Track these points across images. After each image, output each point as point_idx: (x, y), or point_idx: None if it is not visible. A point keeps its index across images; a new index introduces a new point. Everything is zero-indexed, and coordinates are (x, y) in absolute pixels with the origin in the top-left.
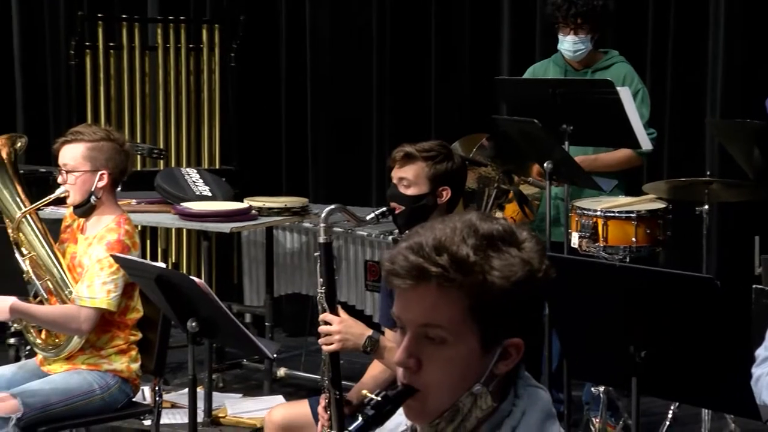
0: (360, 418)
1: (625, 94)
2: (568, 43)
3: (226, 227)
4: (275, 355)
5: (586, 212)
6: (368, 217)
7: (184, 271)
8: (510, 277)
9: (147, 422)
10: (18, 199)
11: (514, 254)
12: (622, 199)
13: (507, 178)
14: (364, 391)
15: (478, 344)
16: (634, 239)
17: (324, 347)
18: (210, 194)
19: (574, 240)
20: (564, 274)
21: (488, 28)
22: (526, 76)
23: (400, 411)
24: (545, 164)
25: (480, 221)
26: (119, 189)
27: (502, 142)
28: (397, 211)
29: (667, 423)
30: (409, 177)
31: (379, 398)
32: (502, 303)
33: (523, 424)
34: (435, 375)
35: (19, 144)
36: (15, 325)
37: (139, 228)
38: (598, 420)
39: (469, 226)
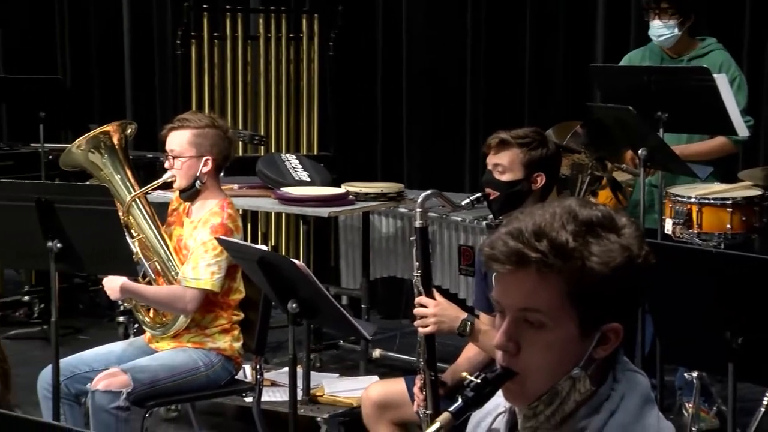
0: (459, 400)
1: (721, 80)
2: (654, 29)
3: (324, 212)
4: (372, 337)
5: (680, 199)
6: (463, 203)
7: (283, 254)
8: (609, 263)
9: (248, 399)
10: (128, 184)
11: (613, 240)
12: (717, 186)
13: (600, 165)
14: (464, 374)
15: (577, 329)
16: (729, 226)
17: (420, 329)
18: (309, 179)
19: (668, 226)
20: (660, 260)
21: (583, 16)
22: (622, 63)
23: (499, 393)
24: (640, 151)
25: (579, 207)
26: (222, 174)
27: (596, 129)
28: (491, 197)
29: (762, 410)
30: (503, 163)
31: (478, 380)
32: (601, 288)
33: (621, 409)
34: (533, 358)
35: (129, 131)
36: (125, 304)
37: (241, 211)
38: (691, 405)
39: (568, 212)
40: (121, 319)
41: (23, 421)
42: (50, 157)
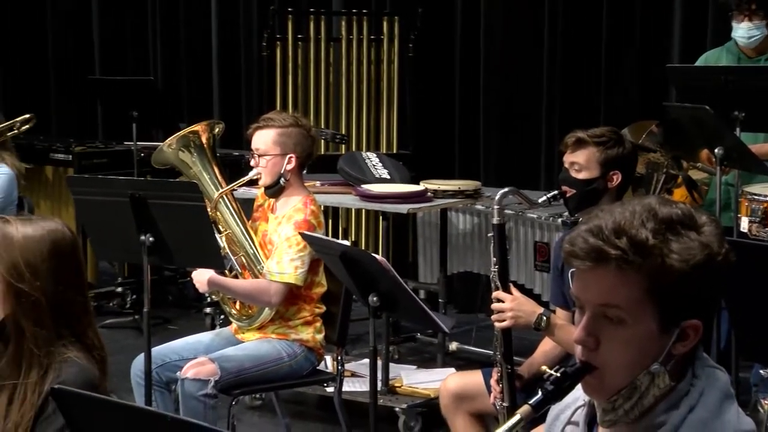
0: (539, 392)
1: None
2: (743, 30)
3: (403, 208)
4: (450, 330)
5: (756, 197)
6: (540, 200)
7: (363, 249)
8: (689, 261)
9: (329, 389)
10: (216, 181)
11: (693, 238)
12: None
13: (676, 164)
14: (544, 367)
15: (656, 325)
16: None
17: (497, 324)
18: (389, 177)
19: (744, 225)
20: (738, 257)
21: (659, 15)
22: (698, 63)
23: (578, 386)
24: (716, 150)
25: (659, 205)
26: (305, 171)
27: (673, 128)
28: (567, 195)
29: None
30: (580, 161)
31: (558, 374)
32: (680, 286)
33: (701, 404)
34: (613, 353)
35: (216, 130)
36: (213, 296)
37: (323, 208)
38: (766, 402)
39: (648, 210)
40: (208, 310)
41: (121, 406)
42: (142, 154)
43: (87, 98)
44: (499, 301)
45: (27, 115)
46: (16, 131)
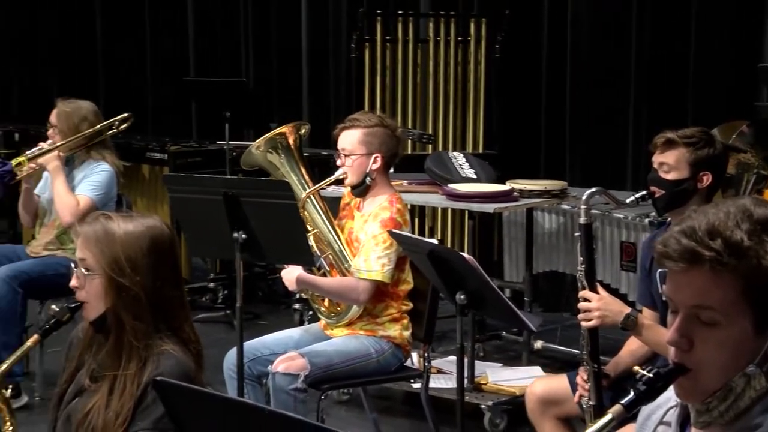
0: (632, 392)
1: None
2: None
3: (489, 207)
4: (537, 329)
5: None
6: (628, 200)
7: (451, 248)
8: None
9: (416, 385)
10: (303, 181)
11: None
12: None
13: (767, 164)
14: (636, 367)
15: (751, 326)
16: None
17: (583, 323)
18: (475, 176)
19: None
20: None
21: (751, 14)
22: None
23: (670, 387)
24: None
25: (754, 206)
26: (392, 171)
27: (764, 128)
28: (656, 195)
29: None
30: (669, 162)
31: (650, 375)
32: None
33: None
34: (706, 355)
35: (303, 130)
36: (302, 294)
37: (409, 206)
38: None
39: (743, 211)
40: (296, 306)
41: (221, 398)
42: (234, 153)
43: (182, 99)
44: (585, 300)
45: (125, 115)
46: (115, 130)
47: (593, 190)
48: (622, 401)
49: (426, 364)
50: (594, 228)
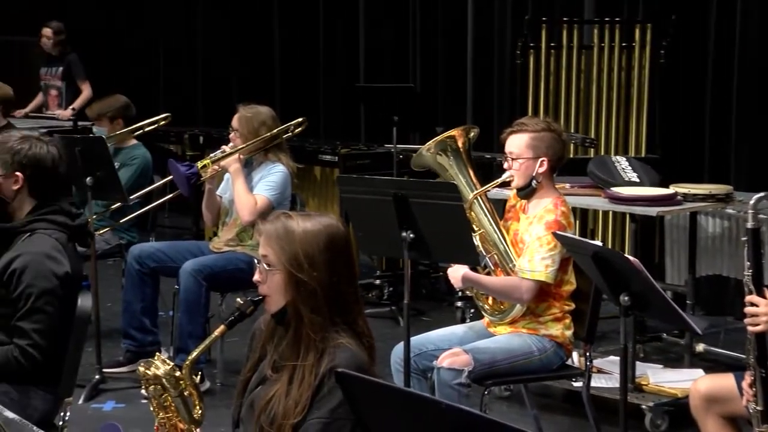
0: None
1: None
2: None
3: (652, 211)
4: (702, 332)
5: None
6: None
7: (615, 250)
8: None
9: (576, 384)
10: (471, 183)
11: None
12: None
13: None
14: None
15: None
16: None
17: (750, 327)
18: (638, 180)
19: None
20: None
21: None
22: None
23: None
24: None
25: None
26: (555, 174)
27: None
28: None
29: None
30: None
31: None
32: None
33: None
34: None
35: (472, 134)
36: (467, 291)
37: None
38: None
39: None
40: (459, 304)
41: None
42: (401, 156)
43: (352, 104)
44: (752, 305)
45: (300, 119)
46: (290, 134)
47: (762, 194)
48: None
49: (587, 363)
50: (762, 232)
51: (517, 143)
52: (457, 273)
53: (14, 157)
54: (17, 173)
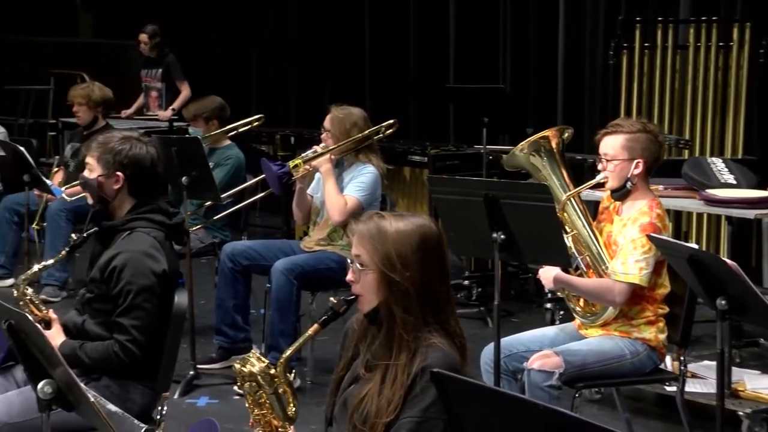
0: None
1: None
2: None
3: (750, 213)
4: None
5: None
6: None
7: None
8: None
9: (669, 388)
10: (564, 184)
11: None
12: None
13: None
14: None
15: None
16: None
17: None
18: (735, 182)
19: None
20: None
21: None
22: None
23: None
24: None
25: None
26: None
27: None
28: None
29: None
30: None
31: None
32: None
33: None
34: None
35: (566, 135)
36: (557, 293)
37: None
38: None
39: None
40: (548, 305)
41: (495, 391)
42: (490, 157)
43: (441, 104)
44: None
45: (391, 121)
46: (381, 135)
47: None
48: None
49: (682, 367)
50: None
51: (612, 144)
52: (548, 274)
53: (115, 157)
54: (118, 173)
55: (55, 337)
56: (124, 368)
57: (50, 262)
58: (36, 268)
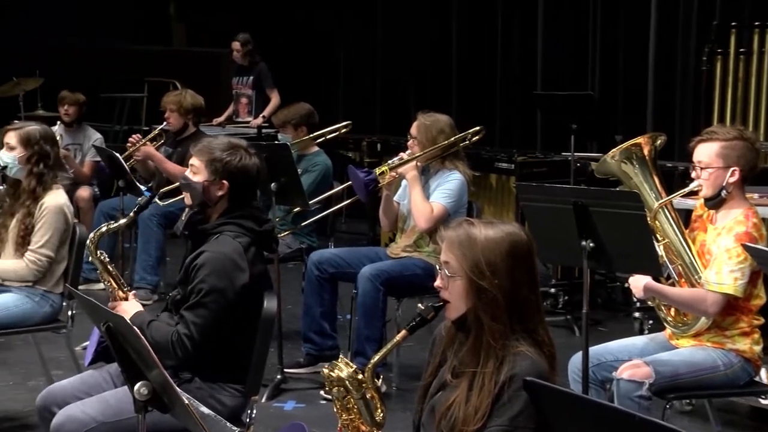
0: None
1: None
2: None
3: None
4: None
5: None
6: None
7: None
8: None
9: (764, 401)
10: (656, 191)
11: None
12: None
13: None
14: None
15: None
16: None
17: None
18: None
19: None
20: None
21: None
22: None
23: None
24: None
25: None
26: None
27: None
28: None
29: None
30: None
31: None
32: None
33: None
34: None
35: (658, 142)
36: (648, 302)
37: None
38: None
39: None
40: (637, 314)
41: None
42: (578, 164)
43: (528, 111)
44: None
45: (477, 128)
46: (467, 142)
47: None
48: None
49: None
50: None
51: (706, 152)
52: (638, 282)
53: (225, 166)
54: (224, 181)
55: (130, 308)
56: (180, 361)
57: (122, 221)
58: (104, 228)
